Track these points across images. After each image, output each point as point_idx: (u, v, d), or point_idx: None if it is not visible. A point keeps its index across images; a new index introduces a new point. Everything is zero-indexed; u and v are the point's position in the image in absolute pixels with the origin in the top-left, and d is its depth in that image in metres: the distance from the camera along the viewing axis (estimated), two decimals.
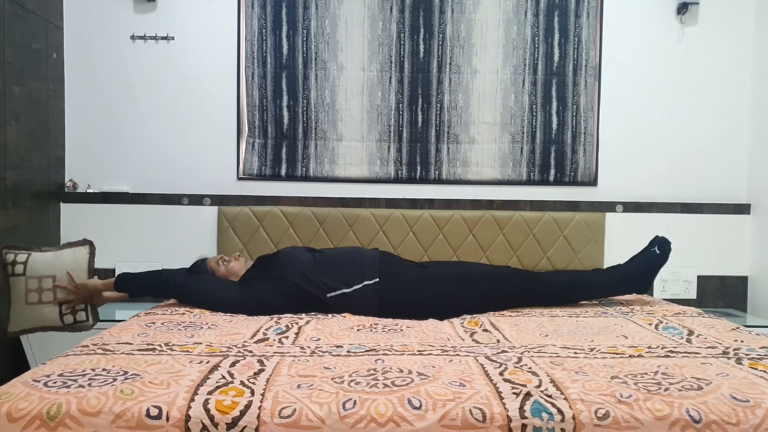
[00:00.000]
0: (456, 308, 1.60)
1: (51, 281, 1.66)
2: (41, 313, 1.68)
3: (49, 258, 1.71)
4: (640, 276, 1.71)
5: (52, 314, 1.70)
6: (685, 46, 2.52)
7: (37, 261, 1.68)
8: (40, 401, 0.88)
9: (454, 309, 1.59)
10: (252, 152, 2.47)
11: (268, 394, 0.91)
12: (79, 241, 1.84)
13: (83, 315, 1.79)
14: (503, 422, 0.87)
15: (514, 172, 2.51)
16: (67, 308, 1.75)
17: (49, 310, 1.69)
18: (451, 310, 1.59)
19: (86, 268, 1.71)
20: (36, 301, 1.66)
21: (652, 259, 1.69)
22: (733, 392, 0.94)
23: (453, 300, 1.60)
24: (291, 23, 2.44)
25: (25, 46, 2.15)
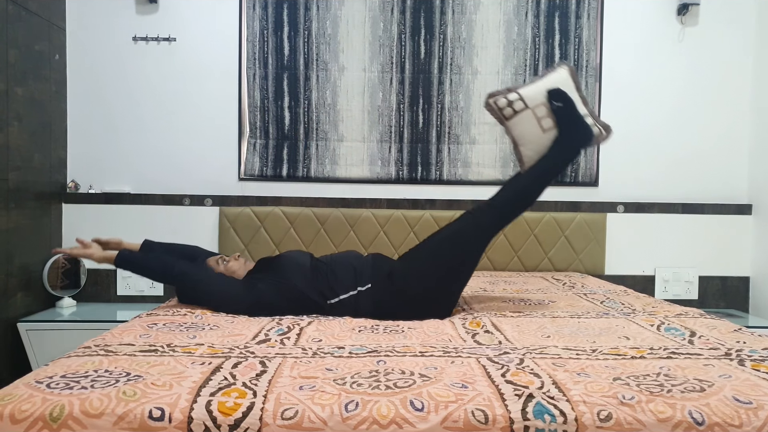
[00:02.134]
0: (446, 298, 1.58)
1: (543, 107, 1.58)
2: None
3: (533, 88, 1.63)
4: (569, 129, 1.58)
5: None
6: (686, 47, 2.52)
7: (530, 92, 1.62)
8: (42, 403, 0.88)
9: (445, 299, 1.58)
10: (253, 153, 2.48)
11: (270, 396, 0.91)
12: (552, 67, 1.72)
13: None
14: (505, 424, 0.87)
15: (514, 172, 2.51)
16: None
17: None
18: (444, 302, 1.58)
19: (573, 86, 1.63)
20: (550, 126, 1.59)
21: (561, 111, 1.55)
22: (735, 394, 0.94)
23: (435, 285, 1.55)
24: (292, 24, 2.45)
25: (27, 47, 2.15)
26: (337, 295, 1.56)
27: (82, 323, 2.15)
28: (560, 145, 1.60)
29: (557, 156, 1.62)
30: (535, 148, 1.63)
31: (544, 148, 1.62)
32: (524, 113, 1.61)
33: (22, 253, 2.15)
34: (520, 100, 1.62)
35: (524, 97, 1.62)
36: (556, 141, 1.60)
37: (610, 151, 2.52)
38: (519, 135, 1.64)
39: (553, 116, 1.60)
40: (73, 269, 2.39)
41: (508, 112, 1.64)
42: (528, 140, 1.63)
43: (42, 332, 2.11)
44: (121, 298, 2.44)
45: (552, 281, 2.20)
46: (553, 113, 1.60)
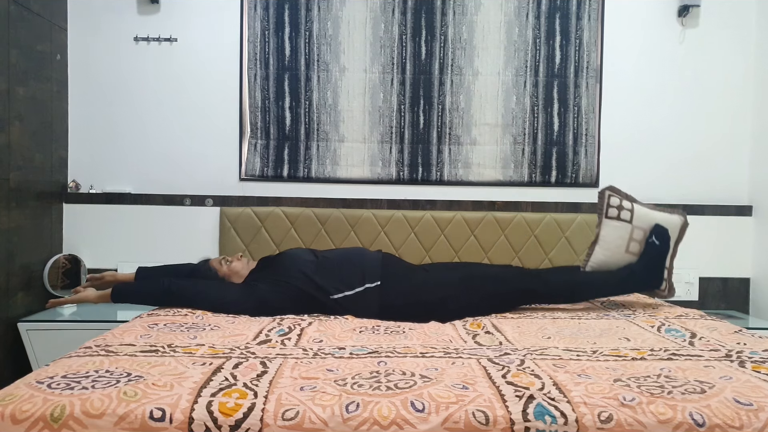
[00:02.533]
0: (457, 311, 1.59)
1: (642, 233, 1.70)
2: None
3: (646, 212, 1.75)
4: (647, 269, 1.68)
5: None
6: (686, 48, 2.52)
7: (642, 213, 1.73)
8: (43, 403, 0.88)
9: (455, 312, 1.59)
10: (254, 153, 2.48)
11: (271, 396, 0.91)
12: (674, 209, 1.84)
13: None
14: (506, 425, 0.87)
15: (515, 173, 2.51)
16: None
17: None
18: (452, 314, 1.58)
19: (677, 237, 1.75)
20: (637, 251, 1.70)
21: (653, 250, 1.66)
22: (736, 395, 0.94)
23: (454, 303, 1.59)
24: (293, 25, 2.45)
25: (29, 47, 2.15)
26: (342, 291, 1.57)
27: (82, 323, 2.14)
28: (631, 274, 1.69)
29: (621, 280, 1.70)
30: (609, 257, 1.72)
31: (615, 264, 1.71)
32: (624, 224, 1.72)
33: (22, 252, 2.15)
34: (630, 211, 1.73)
35: (635, 212, 1.73)
36: (630, 268, 1.70)
37: (610, 153, 2.52)
38: (604, 236, 1.74)
39: (644, 247, 1.70)
40: (73, 269, 2.39)
41: (612, 212, 1.75)
42: (608, 247, 1.72)
43: (43, 332, 2.11)
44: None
45: None
46: (646, 245, 1.69)
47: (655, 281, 1.71)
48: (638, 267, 1.68)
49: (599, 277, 1.71)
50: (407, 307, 1.55)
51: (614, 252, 1.70)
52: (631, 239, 1.70)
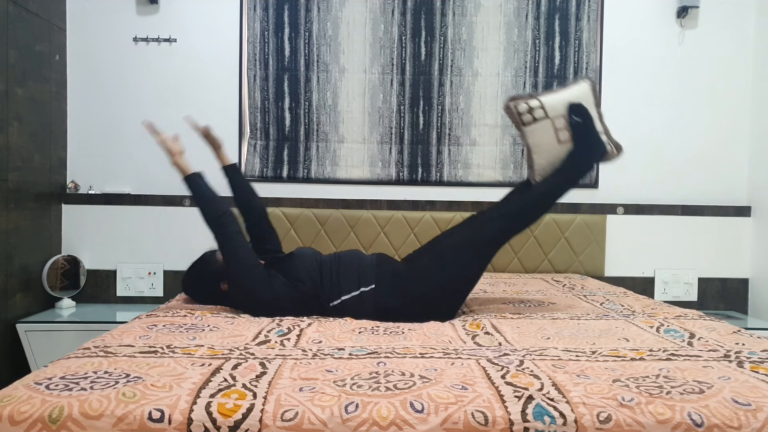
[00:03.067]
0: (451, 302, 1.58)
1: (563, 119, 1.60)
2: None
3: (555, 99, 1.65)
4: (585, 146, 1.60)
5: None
6: (685, 49, 2.53)
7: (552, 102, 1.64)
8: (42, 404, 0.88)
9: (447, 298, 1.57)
10: (254, 154, 2.48)
11: (270, 397, 0.91)
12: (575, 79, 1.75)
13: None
14: (505, 425, 0.87)
15: (515, 174, 2.51)
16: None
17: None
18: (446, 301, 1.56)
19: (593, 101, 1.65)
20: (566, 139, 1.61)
21: (579, 128, 1.59)
22: (734, 396, 0.94)
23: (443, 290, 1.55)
24: (293, 26, 2.45)
25: (28, 47, 2.15)
26: (340, 297, 1.55)
27: (81, 324, 2.14)
28: (574, 160, 1.62)
29: (570, 170, 1.63)
30: (549, 157, 1.64)
31: (557, 159, 1.63)
32: (543, 122, 1.62)
33: (21, 253, 2.15)
34: (541, 108, 1.63)
35: (546, 105, 1.62)
36: (571, 155, 1.62)
37: None
38: (534, 143, 1.65)
39: (571, 130, 1.61)
40: (72, 270, 2.39)
41: (527, 118, 1.64)
42: (543, 149, 1.64)
43: (41, 333, 2.11)
44: (120, 299, 2.44)
45: (552, 283, 2.20)
46: (571, 127, 1.61)
47: (597, 150, 1.63)
48: (576, 149, 1.61)
49: (551, 180, 1.62)
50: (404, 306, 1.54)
51: (550, 151, 1.62)
52: (557, 131, 1.60)
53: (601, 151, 1.64)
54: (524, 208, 1.65)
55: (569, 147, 1.62)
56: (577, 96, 1.64)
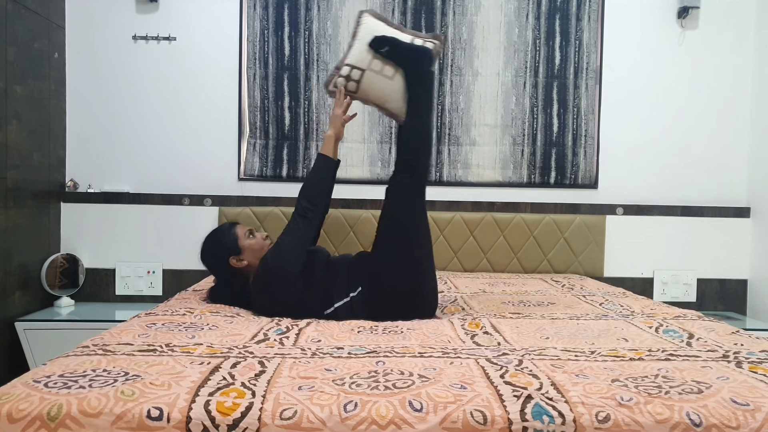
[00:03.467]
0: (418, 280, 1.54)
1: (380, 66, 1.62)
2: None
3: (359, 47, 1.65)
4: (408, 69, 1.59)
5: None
6: (686, 50, 2.53)
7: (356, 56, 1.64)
8: (40, 402, 0.88)
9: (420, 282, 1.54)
10: (253, 153, 2.48)
11: (269, 396, 0.91)
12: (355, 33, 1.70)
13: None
14: (504, 425, 0.87)
15: (514, 174, 2.51)
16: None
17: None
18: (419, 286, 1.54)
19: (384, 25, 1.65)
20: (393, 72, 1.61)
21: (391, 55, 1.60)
22: (733, 396, 0.94)
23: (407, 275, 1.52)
24: (293, 24, 2.45)
25: (27, 45, 2.15)
26: (332, 304, 1.54)
27: (80, 323, 2.14)
28: (412, 79, 1.61)
29: (417, 89, 1.61)
30: (397, 96, 1.63)
31: (402, 91, 1.62)
32: (365, 76, 1.62)
33: (20, 252, 2.14)
34: (353, 69, 1.63)
35: (354, 63, 1.63)
36: (407, 78, 1.61)
37: (609, 154, 2.53)
38: (376, 97, 1.65)
39: (390, 62, 1.61)
40: (71, 269, 2.38)
41: (351, 86, 1.65)
42: (387, 96, 1.63)
43: (40, 332, 2.11)
44: (119, 298, 2.44)
45: (551, 283, 2.20)
46: (388, 59, 1.61)
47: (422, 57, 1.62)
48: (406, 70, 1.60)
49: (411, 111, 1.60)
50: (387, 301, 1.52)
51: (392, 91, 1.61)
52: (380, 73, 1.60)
53: (425, 54, 1.63)
54: (413, 150, 1.61)
55: (402, 73, 1.62)
56: (369, 33, 1.64)
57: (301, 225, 1.62)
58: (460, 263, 2.47)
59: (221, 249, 1.64)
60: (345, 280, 1.56)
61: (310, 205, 1.64)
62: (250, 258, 1.63)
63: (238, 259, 1.62)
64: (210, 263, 1.70)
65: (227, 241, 1.65)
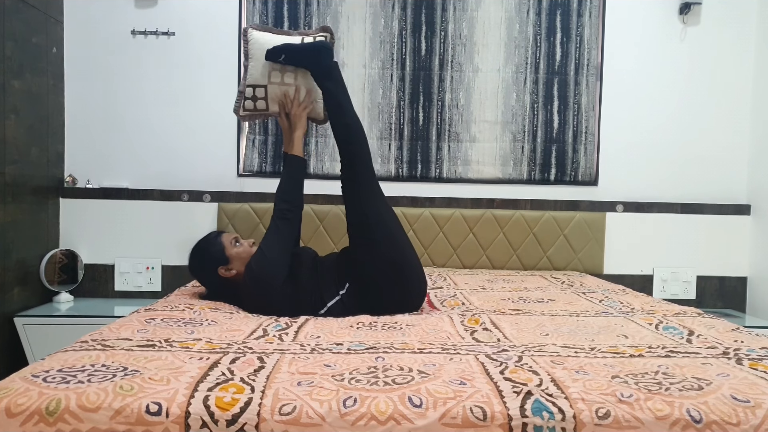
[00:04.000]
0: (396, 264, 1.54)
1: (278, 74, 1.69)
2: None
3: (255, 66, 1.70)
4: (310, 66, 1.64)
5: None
6: (687, 46, 2.52)
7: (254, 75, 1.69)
8: (39, 397, 0.87)
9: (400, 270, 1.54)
10: (252, 149, 2.47)
11: (268, 391, 0.91)
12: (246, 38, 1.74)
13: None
14: (504, 421, 0.86)
15: (514, 170, 2.51)
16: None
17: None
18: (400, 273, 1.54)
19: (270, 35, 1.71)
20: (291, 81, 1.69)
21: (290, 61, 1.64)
22: (733, 392, 0.94)
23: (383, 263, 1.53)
24: (292, 20, 2.44)
25: (24, 40, 2.14)
26: (325, 304, 1.54)
27: (79, 318, 2.14)
28: (319, 76, 1.65)
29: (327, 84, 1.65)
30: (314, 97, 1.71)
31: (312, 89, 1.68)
32: (269, 91, 1.66)
33: (19, 247, 2.14)
34: (255, 87, 1.66)
35: (254, 83, 1.66)
36: (314, 77, 1.65)
37: (609, 151, 2.53)
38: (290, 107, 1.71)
39: (287, 68, 1.65)
40: (70, 264, 2.38)
41: (261, 104, 1.68)
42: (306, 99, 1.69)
43: (39, 327, 2.10)
44: (118, 294, 2.43)
45: (551, 280, 2.20)
46: (287, 65, 1.65)
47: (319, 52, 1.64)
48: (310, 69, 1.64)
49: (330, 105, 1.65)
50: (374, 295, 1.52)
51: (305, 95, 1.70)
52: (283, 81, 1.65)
53: (322, 48, 1.66)
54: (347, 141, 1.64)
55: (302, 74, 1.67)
56: (260, 48, 1.66)
57: (282, 227, 1.62)
58: (459, 260, 2.47)
59: (209, 259, 1.62)
60: (334, 278, 1.56)
61: (290, 206, 1.65)
62: (238, 266, 1.61)
63: (226, 269, 1.61)
64: (199, 275, 1.68)
65: (214, 251, 1.62)
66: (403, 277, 1.56)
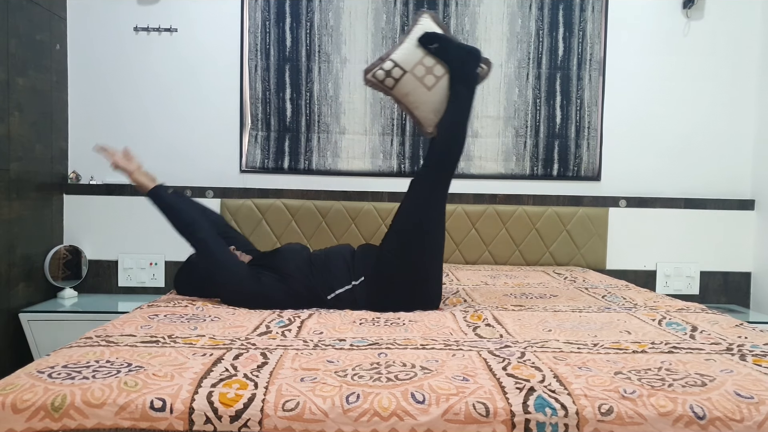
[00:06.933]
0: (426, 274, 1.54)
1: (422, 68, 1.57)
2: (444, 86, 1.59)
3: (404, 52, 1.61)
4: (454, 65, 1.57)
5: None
6: (691, 41, 2.50)
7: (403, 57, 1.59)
8: (44, 392, 0.88)
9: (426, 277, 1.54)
10: (255, 145, 2.47)
11: (271, 387, 0.91)
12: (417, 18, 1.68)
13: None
14: (507, 417, 0.87)
15: (517, 166, 2.50)
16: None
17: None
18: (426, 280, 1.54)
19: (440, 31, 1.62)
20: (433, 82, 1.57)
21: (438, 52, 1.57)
22: (737, 389, 0.94)
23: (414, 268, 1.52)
24: (294, 15, 2.43)
25: (28, 37, 2.14)
26: (334, 290, 1.55)
27: (83, 314, 2.15)
28: (457, 77, 1.58)
29: (460, 87, 1.58)
30: (428, 107, 1.60)
31: (435, 104, 1.59)
32: (405, 78, 1.59)
33: (23, 243, 2.15)
34: (396, 66, 1.59)
35: (399, 62, 1.59)
36: (452, 75, 1.57)
37: (612, 146, 2.51)
38: (408, 101, 1.62)
39: (436, 58, 1.57)
40: (74, 260, 2.39)
41: (389, 82, 1.61)
42: (419, 104, 1.61)
43: (44, 323, 2.12)
44: (122, 290, 2.44)
45: (553, 275, 2.20)
46: (436, 55, 1.57)
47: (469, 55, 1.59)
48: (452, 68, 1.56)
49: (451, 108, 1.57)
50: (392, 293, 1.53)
51: (426, 100, 1.59)
52: (421, 80, 1.57)
53: (473, 55, 1.60)
54: (446, 141, 1.58)
55: (441, 87, 1.58)
56: (422, 31, 1.60)
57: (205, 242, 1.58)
58: (461, 255, 2.47)
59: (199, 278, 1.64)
60: (346, 268, 1.57)
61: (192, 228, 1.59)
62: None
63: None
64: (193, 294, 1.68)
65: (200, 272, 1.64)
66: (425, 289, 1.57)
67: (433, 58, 1.58)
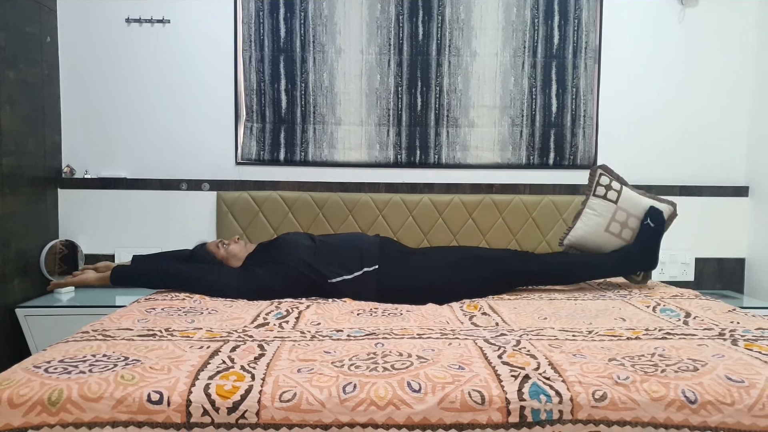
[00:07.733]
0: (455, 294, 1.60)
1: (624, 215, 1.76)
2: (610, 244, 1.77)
3: (634, 196, 1.80)
4: (643, 251, 1.73)
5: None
6: (686, 28, 2.49)
7: (629, 196, 1.79)
8: (41, 387, 0.88)
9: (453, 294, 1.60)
10: (250, 137, 2.46)
11: (268, 379, 0.92)
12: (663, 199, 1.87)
13: None
14: (502, 404, 0.88)
15: (513, 155, 2.50)
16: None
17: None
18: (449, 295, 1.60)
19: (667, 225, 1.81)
20: (617, 232, 1.76)
21: (648, 232, 1.70)
22: (728, 373, 0.95)
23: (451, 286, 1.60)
24: (288, 5, 2.40)
25: (18, 29, 2.12)
26: (340, 275, 1.57)
27: (80, 309, 2.14)
28: (626, 255, 1.73)
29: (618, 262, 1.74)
30: (587, 232, 1.78)
31: (593, 243, 1.76)
32: (608, 204, 1.76)
33: (18, 238, 2.14)
34: (618, 192, 1.77)
35: (622, 194, 1.77)
36: (626, 250, 1.74)
37: (608, 134, 2.51)
38: (587, 213, 1.80)
39: (639, 230, 1.75)
40: (70, 255, 2.38)
41: (600, 191, 1.80)
42: (589, 224, 1.78)
43: (40, 318, 2.11)
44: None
45: None
46: (641, 228, 1.74)
47: (650, 262, 1.73)
48: (635, 248, 1.70)
49: (595, 258, 1.72)
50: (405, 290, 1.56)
51: (594, 229, 1.76)
52: (612, 219, 1.75)
53: (651, 263, 1.76)
54: (556, 265, 1.76)
55: (614, 241, 1.76)
56: (630, 200, 1.78)
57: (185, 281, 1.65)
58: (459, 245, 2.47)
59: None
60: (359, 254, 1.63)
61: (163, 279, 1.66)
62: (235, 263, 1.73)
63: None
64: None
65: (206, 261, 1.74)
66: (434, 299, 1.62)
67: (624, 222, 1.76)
